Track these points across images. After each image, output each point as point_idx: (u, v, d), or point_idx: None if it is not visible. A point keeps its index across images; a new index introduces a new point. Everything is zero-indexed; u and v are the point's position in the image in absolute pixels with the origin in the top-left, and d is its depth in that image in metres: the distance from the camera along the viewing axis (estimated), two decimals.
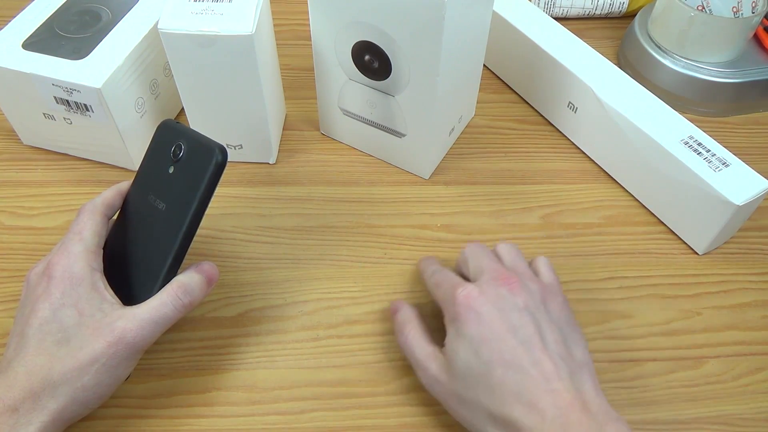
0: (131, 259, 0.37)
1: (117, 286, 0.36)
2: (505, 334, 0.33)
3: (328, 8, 0.44)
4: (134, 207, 0.39)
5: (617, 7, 0.65)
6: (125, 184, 0.40)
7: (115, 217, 0.39)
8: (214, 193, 0.36)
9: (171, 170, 0.37)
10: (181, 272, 0.37)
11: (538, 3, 0.64)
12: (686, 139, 0.46)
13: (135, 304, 0.35)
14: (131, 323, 0.34)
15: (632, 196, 0.51)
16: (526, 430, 0.31)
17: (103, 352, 0.33)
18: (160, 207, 0.37)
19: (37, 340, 0.33)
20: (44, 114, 0.48)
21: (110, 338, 0.33)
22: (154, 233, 0.37)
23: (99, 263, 0.36)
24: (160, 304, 0.35)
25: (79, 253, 0.35)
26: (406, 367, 0.41)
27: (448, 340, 0.35)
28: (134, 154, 0.50)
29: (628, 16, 0.66)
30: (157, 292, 0.35)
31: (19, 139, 0.53)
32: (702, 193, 0.45)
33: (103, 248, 0.37)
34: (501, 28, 0.56)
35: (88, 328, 0.33)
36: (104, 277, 0.36)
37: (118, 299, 0.35)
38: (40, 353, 0.33)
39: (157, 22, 0.44)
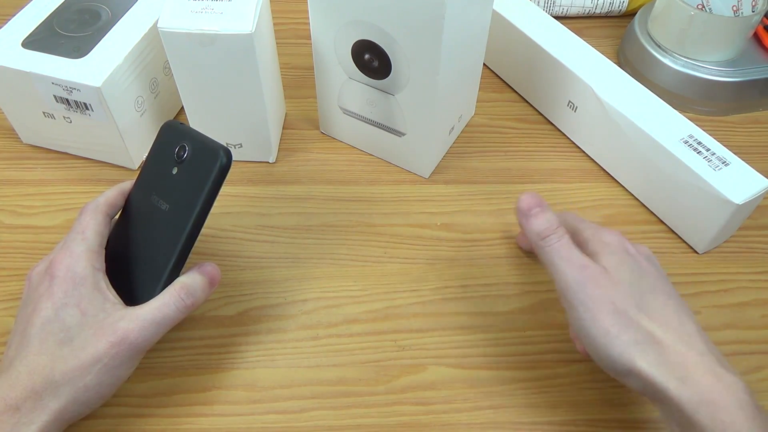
0: (133, 260, 0.37)
1: (119, 286, 0.36)
2: (659, 275, 0.36)
3: (328, 7, 0.44)
4: (137, 207, 0.39)
5: (617, 5, 0.65)
6: (127, 184, 0.40)
7: (117, 216, 0.39)
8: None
9: (175, 171, 0.37)
10: (183, 273, 0.37)
11: (538, 2, 0.64)
12: (686, 138, 0.46)
13: (137, 304, 0.35)
14: (133, 324, 0.34)
15: (632, 195, 0.51)
16: (684, 358, 0.32)
17: (106, 353, 0.33)
18: (163, 207, 0.37)
19: (39, 339, 0.33)
20: (44, 113, 0.48)
21: (113, 338, 0.33)
22: (156, 234, 0.37)
23: (101, 263, 0.36)
24: (163, 305, 0.35)
25: (81, 252, 0.35)
26: (405, 366, 0.41)
27: (603, 258, 0.35)
28: (134, 153, 0.50)
29: (628, 14, 0.65)
30: (160, 292, 0.35)
31: (19, 138, 0.53)
32: (702, 192, 0.45)
33: (105, 248, 0.37)
34: (501, 27, 0.56)
35: (91, 328, 0.33)
36: (106, 277, 0.36)
37: (120, 299, 0.35)
38: (42, 353, 0.33)
39: (156, 21, 0.44)
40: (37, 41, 0.47)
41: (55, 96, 0.46)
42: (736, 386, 0.30)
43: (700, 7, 0.54)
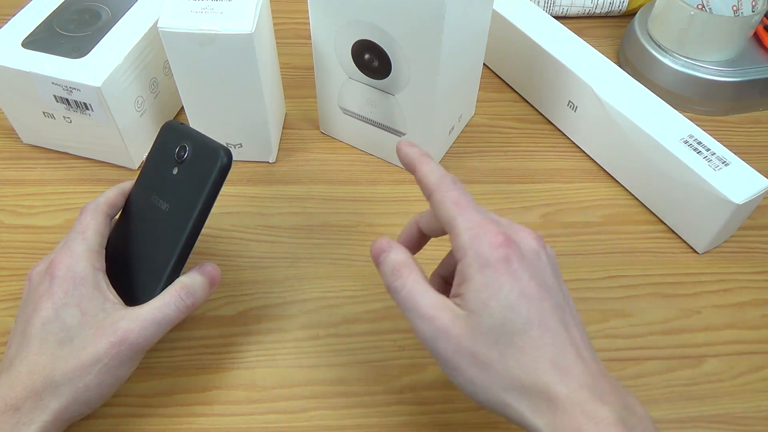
0: (134, 260, 0.37)
1: (119, 286, 0.36)
2: (542, 293, 0.30)
3: (328, 7, 0.44)
4: (137, 207, 0.39)
5: (617, 5, 0.65)
6: (128, 184, 0.40)
7: (117, 216, 0.39)
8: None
9: (175, 171, 0.37)
10: (183, 273, 0.37)
11: (538, 2, 0.64)
12: (686, 138, 0.46)
13: (137, 304, 0.35)
14: (134, 324, 0.34)
15: (632, 194, 0.51)
16: (556, 398, 0.28)
17: (106, 353, 0.33)
18: (163, 208, 0.37)
19: (39, 339, 0.33)
20: (44, 113, 0.48)
21: (113, 338, 0.33)
22: (157, 234, 0.37)
23: (102, 263, 0.36)
24: (163, 305, 0.35)
25: (81, 252, 0.35)
26: (405, 366, 0.41)
27: (473, 288, 0.29)
28: (134, 153, 0.50)
29: (628, 14, 0.66)
30: (160, 292, 0.35)
31: (19, 138, 0.53)
32: (702, 191, 0.45)
33: (105, 248, 0.37)
34: (501, 27, 0.56)
35: (91, 328, 0.33)
36: (107, 277, 0.36)
37: (120, 299, 0.35)
38: (42, 353, 0.33)
39: (156, 21, 0.44)
40: (37, 41, 0.47)
41: (55, 96, 0.46)
42: (607, 421, 0.28)
43: (700, 7, 0.54)
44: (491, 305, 0.29)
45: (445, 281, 0.38)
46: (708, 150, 0.46)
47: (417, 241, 0.37)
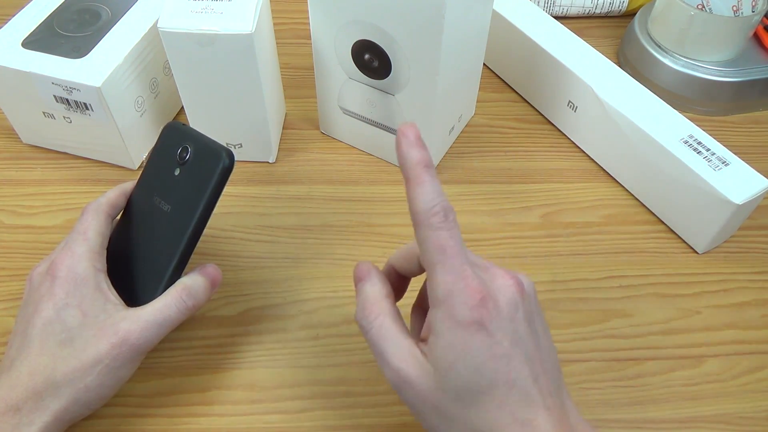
0: (135, 261, 0.37)
1: (120, 287, 0.36)
2: (513, 349, 0.29)
3: (328, 7, 0.44)
4: (138, 208, 0.39)
5: (617, 5, 0.65)
6: (129, 185, 0.40)
7: (118, 217, 0.39)
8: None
9: (177, 172, 0.37)
10: (184, 274, 0.37)
11: (538, 2, 0.64)
12: (686, 138, 0.46)
13: (138, 305, 0.35)
14: (135, 325, 0.34)
15: (632, 195, 0.51)
16: None
17: (107, 354, 0.33)
18: (165, 209, 0.37)
19: (40, 340, 0.33)
20: (44, 113, 0.48)
21: (114, 340, 0.33)
22: (158, 235, 0.37)
23: (103, 264, 0.36)
24: (164, 306, 0.35)
25: (83, 253, 0.35)
26: None
27: (441, 346, 0.29)
28: (134, 153, 0.50)
29: (628, 14, 0.66)
30: (161, 294, 0.35)
31: (19, 138, 0.53)
32: (702, 192, 0.45)
33: (107, 248, 0.37)
34: (501, 27, 0.56)
35: (92, 329, 0.33)
36: (108, 277, 0.36)
37: (121, 300, 0.35)
38: (43, 353, 0.33)
39: (156, 21, 0.44)
40: (37, 41, 0.47)
41: (55, 96, 0.46)
42: None
43: (700, 7, 0.54)
44: (458, 367, 0.28)
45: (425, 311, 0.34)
46: (708, 150, 0.46)
47: (397, 285, 0.35)
